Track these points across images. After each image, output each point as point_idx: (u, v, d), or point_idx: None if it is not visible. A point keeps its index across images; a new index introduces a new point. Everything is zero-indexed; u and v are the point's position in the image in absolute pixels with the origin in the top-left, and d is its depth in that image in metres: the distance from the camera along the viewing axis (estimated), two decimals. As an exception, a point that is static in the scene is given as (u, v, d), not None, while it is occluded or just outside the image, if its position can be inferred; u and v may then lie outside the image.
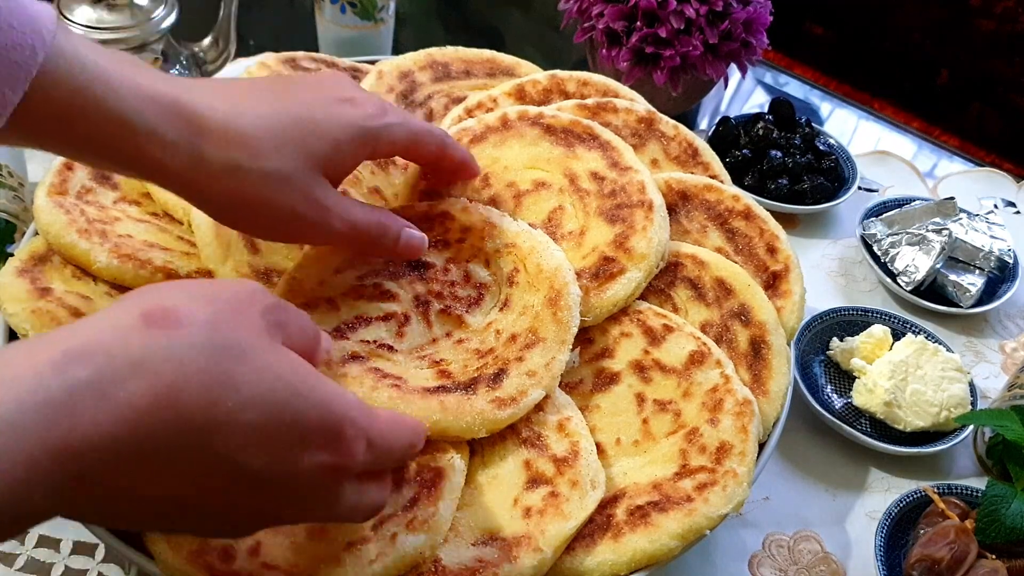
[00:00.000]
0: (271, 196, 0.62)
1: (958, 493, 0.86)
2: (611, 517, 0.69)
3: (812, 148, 1.21)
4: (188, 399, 0.43)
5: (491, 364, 0.72)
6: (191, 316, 0.45)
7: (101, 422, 0.41)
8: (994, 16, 1.90)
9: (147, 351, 0.43)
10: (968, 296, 1.07)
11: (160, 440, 0.43)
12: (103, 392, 0.41)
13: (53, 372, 0.41)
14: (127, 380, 0.42)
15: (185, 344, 0.44)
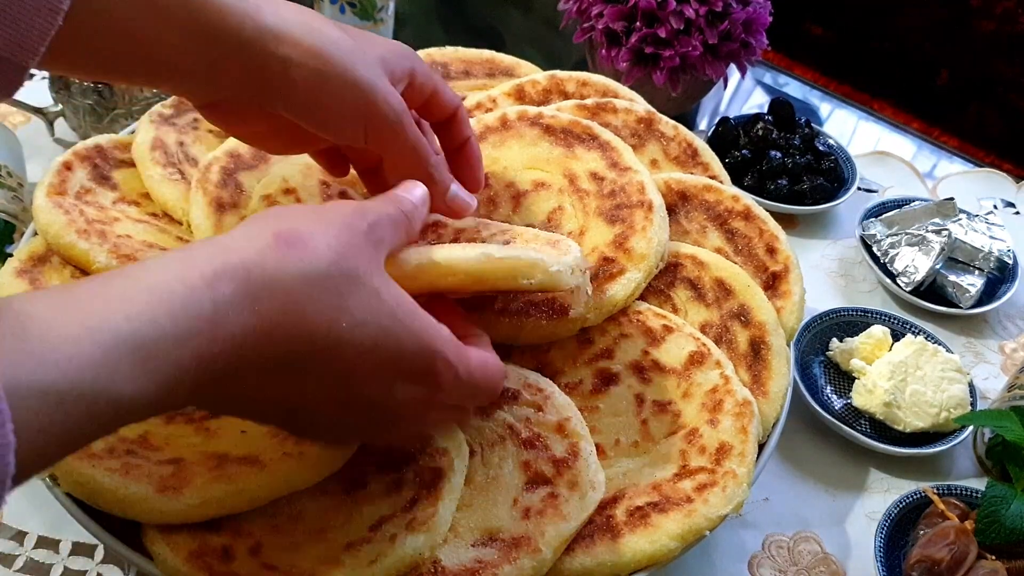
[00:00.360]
0: (362, 74, 0.62)
1: (958, 494, 0.86)
2: (611, 518, 0.69)
3: (812, 148, 1.21)
4: (312, 317, 0.48)
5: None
6: (316, 239, 0.50)
7: (237, 333, 0.46)
8: (994, 17, 1.90)
9: (280, 271, 0.48)
10: (968, 297, 1.07)
11: (285, 352, 0.48)
12: (242, 307, 0.47)
13: (204, 287, 0.46)
14: (263, 297, 0.47)
15: (312, 266, 0.49)
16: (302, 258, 0.49)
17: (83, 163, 0.88)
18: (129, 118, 1.07)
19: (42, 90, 1.13)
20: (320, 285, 0.49)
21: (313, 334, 0.49)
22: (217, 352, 0.46)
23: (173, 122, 0.92)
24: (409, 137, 0.66)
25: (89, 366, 0.41)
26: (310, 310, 0.48)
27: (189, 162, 0.89)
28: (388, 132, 0.65)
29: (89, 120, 1.09)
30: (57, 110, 1.12)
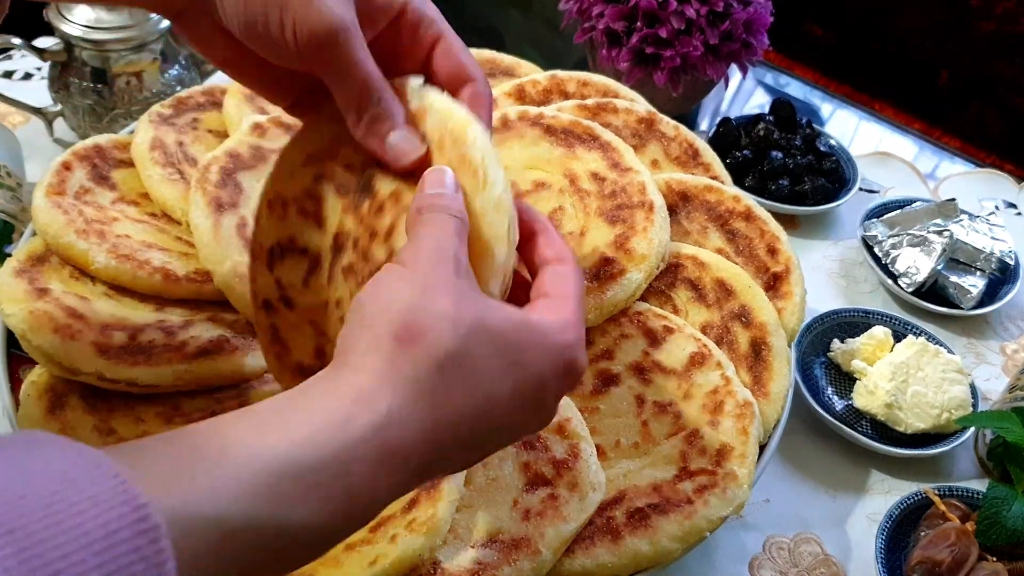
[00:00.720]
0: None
1: (959, 495, 0.86)
2: (611, 519, 0.69)
3: (813, 149, 1.21)
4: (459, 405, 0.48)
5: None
6: (430, 324, 0.48)
7: (399, 449, 0.46)
8: (994, 17, 1.90)
9: (417, 372, 0.47)
10: (969, 298, 1.07)
11: (448, 446, 0.48)
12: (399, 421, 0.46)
13: (356, 411, 0.45)
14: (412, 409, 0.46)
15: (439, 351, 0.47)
16: (429, 349, 0.47)
17: (82, 163, 0.88)
18: (128, 118, 1.07)
19: (41, 90, 1.13)
20: (454, 363, 0.48)
21: (464, 409, 0.48)
22: (386, 474, 0.45)
23: (172, 122, 0.92)
24: (345, 55, 0.58)
25: (257, 496, 0.40)
26: (456, 395, 0.48)
27: (188, 162, 0.89)
28: (320, 46, 0.57)
29: (88, 120, 1.09)
30: (56, 110, 1.12)
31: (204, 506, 0.38)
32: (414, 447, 0.46)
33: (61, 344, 0.71)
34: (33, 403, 0.72)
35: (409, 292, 0.50)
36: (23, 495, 0.34)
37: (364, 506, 0.45)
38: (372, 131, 0.60)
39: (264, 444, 0.42)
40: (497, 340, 0.50)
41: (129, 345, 0.73)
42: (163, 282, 0.79)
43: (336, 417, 0.44)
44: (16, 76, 1.26)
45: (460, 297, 0.50)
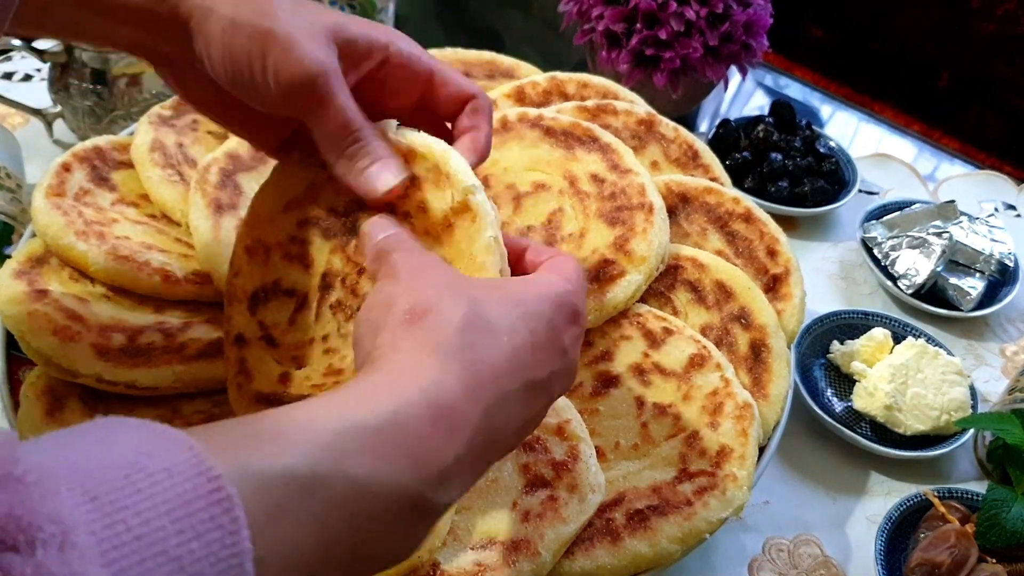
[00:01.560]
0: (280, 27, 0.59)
1: (958, 497, 0.86)
2: (610, 521, 0.69)
3: (812, 151, 1.21)
4: (488, 359, 0.50)
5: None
6: (429, 300, 0.51)
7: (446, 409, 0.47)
8: (994, 18, 1.90)
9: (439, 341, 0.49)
10: (969, 299, 1.07)
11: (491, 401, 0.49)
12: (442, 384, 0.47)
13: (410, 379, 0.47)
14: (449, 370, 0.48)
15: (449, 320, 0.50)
16: (440, 318, 0.50)
17: (82, 164, 0.87)
18: (128, 119, 1.07)
19: (41, 91, 1.13)
20: (468, 324, 0.50)
21: (495, 367, 0.50)
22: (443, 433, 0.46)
23: (172, 124, 0.92)
24: (323, 103, 0.60)
25: (322, 452, 0.41)
26: (480, 351, 0.50)
27: (188, 163, 0.89)
28: (301, 93, 0.59)
29: (88, 121, 1.08)
30: (56, 111, 1.12)
31: (272, 464, 0.39)
32: (462, 404, 0.47)
33: (60, 346, 0.71)
34: (32, 404, 0.72)
35: (402, 288, 0.53)
36: (103, 465, 0.35)
37: (430, 469, 0.45)
38: (351, 168, 0.62)
39: (322, 412, 0.44)
40: (504, 298, 0.53)
41: (128, 347, 0.73)
42: (162, 284, 0.79)
43: (384, 389, 0.46)
44: (16, 77, 1.26)
45: (453, 276, 0.54)
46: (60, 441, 0.36)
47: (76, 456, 0.35)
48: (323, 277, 0.67)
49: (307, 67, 0.59)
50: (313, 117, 0.61)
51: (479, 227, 0.60)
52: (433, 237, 0.62)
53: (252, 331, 0.68)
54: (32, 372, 0.75)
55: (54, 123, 1.14)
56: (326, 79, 0.60)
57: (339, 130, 0.61)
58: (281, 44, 0.59)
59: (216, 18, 0.59)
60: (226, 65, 0.60)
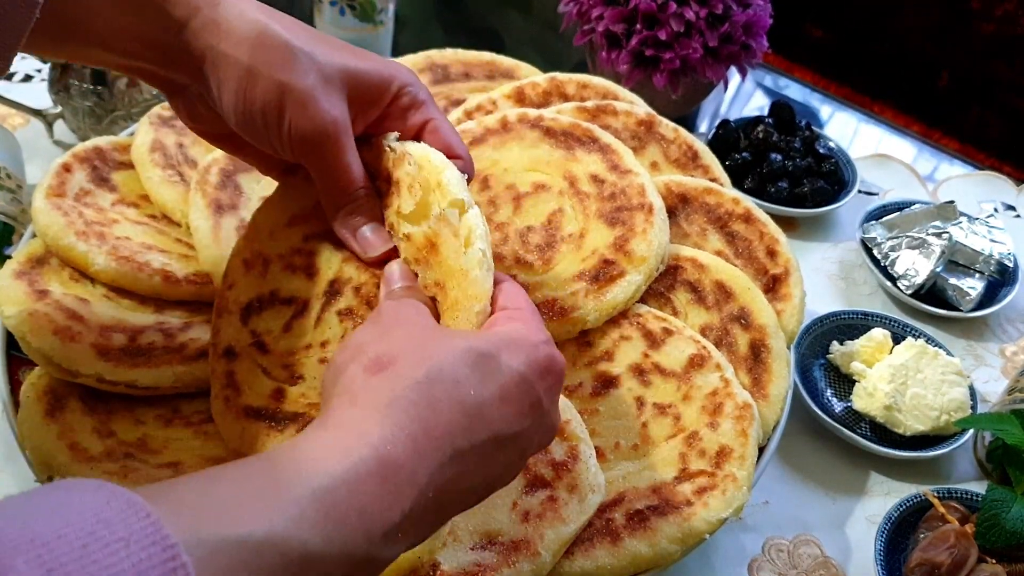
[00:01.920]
0: (296, 80, 0.60)
1: (958, 497, 0.86)
2: (610, 521, 0.69)
3: (812, 151, 1.21)
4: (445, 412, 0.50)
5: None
6: (393, 353, 0.52)
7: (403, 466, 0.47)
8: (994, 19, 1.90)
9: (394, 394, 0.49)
10: (968, 300, 1.07)
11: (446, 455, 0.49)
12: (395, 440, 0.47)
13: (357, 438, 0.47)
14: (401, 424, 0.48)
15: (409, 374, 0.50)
16: (403, 370, 0.50)
17: (82, 165, 0.88)
18: (128, 120, 1.07)
19: (41, 92, 1.13)
20: (431, 378, 0.50)
21: (453, 422, 0.50)
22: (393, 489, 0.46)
23: (172, 124, 0.92)
24: (332, 158, 0.63)
25: (276, 518, 0.42)
26: (437, 404, 0.50)
27: (188, 164, 0.89)
28: (310, 144, 0.62)
29: (88, 122, 1.09)
30: (56, 112, 1.12)
31: (228, 532, 0.40)
32: (413, 460, 0.47)
33: (61, 346, 0.71)
34: (33, 405, 0.72)
35: (371, 334, 0.54)
36: (60, 535, 0.36)
37: (378, 529, 0.46)
38: (346, 223, 0.66)
39: (279, 474, 0.44)
40: (469, 355, 0.52)
41: (129, 347, 0.73)
42: (163, 284, 0.79)
43: (337, 448, 0.46)
44: (16, 78, 1.26)
45: (423, 329, 0.54)
46: (19, 509, 0.37)
47: (34, 525, 0.36)
48: (331, 284, 0.68)
49: (320, 125, 0.61)
50: (319, 171, 0.64)
51: (471, 240, 0.60)
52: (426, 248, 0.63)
53: (243, 340, 0.69)
54: (33, 372, 0.75)
55: (54, 124, 1.14)
56: (336, 139, 0.62)
57: (343, 187, 0.65)
58: (297, 99, 0.60)
59: (231, 64, 0.60)
60: (239, 112, 0.61)
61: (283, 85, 0.60)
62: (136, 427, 0.72)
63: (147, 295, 0.79)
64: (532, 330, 0.57)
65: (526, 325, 0.57)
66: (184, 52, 0.61)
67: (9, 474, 0.82)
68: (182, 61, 0.61)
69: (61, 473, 0.67)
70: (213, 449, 0.69)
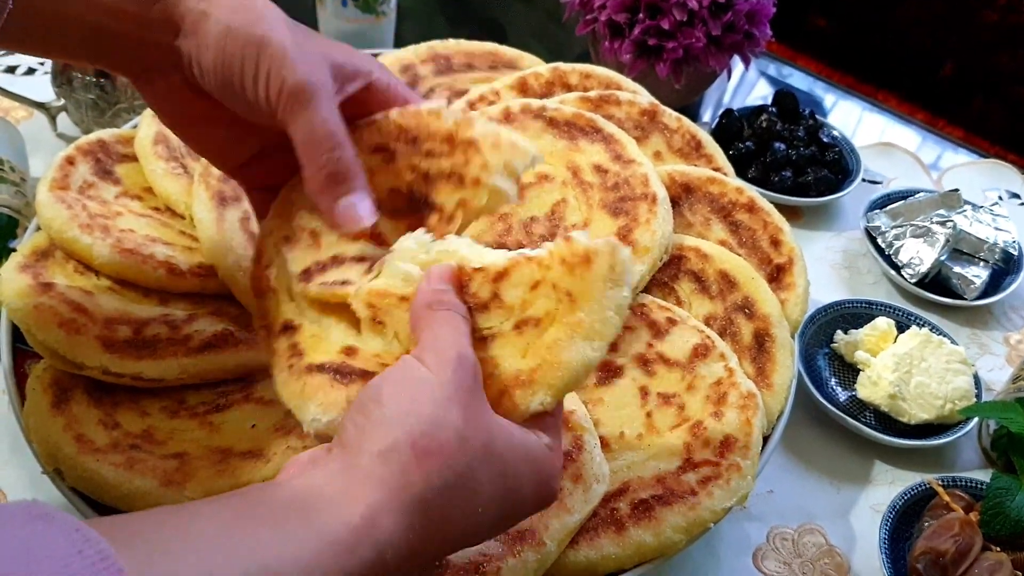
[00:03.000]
0: (276, 36, 0.60)
1: (963, 486, 0.86)
2: (615, 511, 0.69)
3: (816, 140, 1.21)
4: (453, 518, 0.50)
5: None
6: (447, 433, 0.50)
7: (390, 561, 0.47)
8: (997, 8, 1.90)
9: (428, 489, 0.49)
10: (973, 288, 1.07)
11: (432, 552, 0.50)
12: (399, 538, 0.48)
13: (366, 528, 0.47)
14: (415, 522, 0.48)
15: (453, 471, 0.49)
16: (442, 468, 0.49)
17: (86, 158, 0.88)
18: (131, 112, 1.07)
19: (44, 85, 1.13)
20: (459, 484, 0.50)
21: (453, 530, 0.50)
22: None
23: (175, 116, 0.92)
24: (319, 117, 0.60)
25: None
26: (453, 515, 0.50)
27: (191, 156, 0.89)
28: (290, 99, 0.60)
29: (91, 115, 1.09)
30: (59, 105, 1.12)
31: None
32: (401, 563, 0.48)
33: (66, 338, 0.72)
34: (38, 397, 0.72)
35: (431, 400, 0.51)
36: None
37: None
38: (327, 189, 0.61)
39: (266, 559, 0.43)
40: (498, 464, 0.52)
41: (134, 339, 0.73)
42: (167, 276, 0.79)
43: (341, 542, 0.46)
44: (19, 71, 1.26)
45: (475, 415, 0.52)
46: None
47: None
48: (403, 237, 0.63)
49: (299, 77, 0.59)
50: (298, 124, 0.61)
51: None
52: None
53: (299, 308, 0.65)
54: (38, 365, 0.75)
55: (58, 117, 1.14)
56: (316, 88, 0.60)
57: (322, 140, 0.60)
58: (276, 52, 0.59)
59: (212, 23, 0.60)
60: (218, 69, 0.61)
61: (261, 39, 0.60)
62: (142, 419, 0.73)
63: (151, 287, 0.80)
64: (555, 451, 0.56)
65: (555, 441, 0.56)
66: (162, 20, 0.61)
67: (15, 466, 0.82)
68: (159, 30, 0.61)
69: (67, 464, 0.67)
70: (218, 440, 0.69)
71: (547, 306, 0.56)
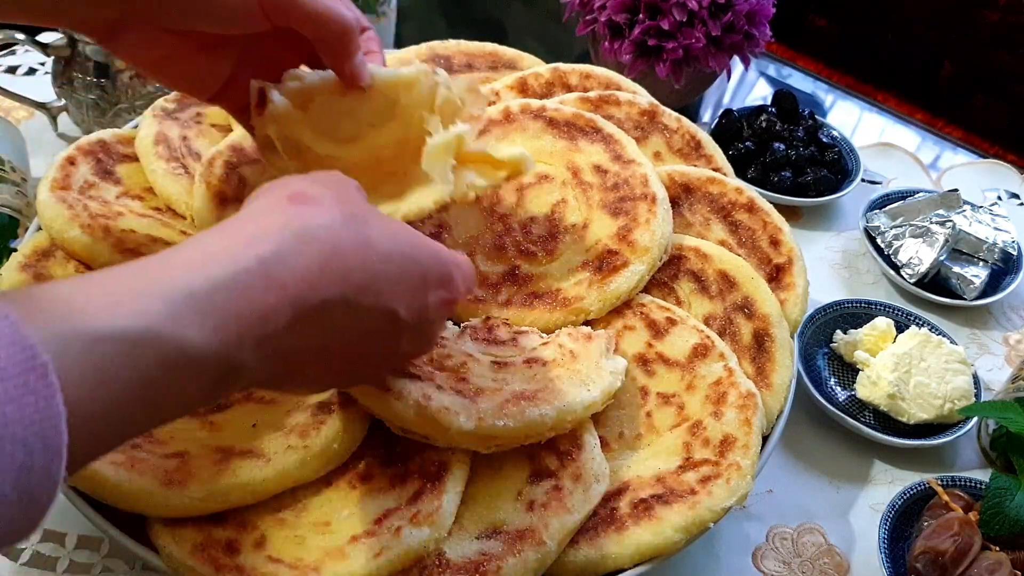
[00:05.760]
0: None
1: (962, 485, 0.86)
2: (615, 510, 0.69)
3: (815, 140, 1.21)
4: (347, 259, 0.51)
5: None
6: (321, 195, 0.53)
7: (288, 283, 0.48)
8: (998, 7, 1.90)
9: (306, 224, 0.51)
10: (972, 288, 1.07)
11: (332, 294, 0.51)
12: (285, 260, 0.49)
13: (244, 247, 0.48)
14: (300, 250, 0.50)
15: (328, 216, 0.52)
16: (316, 211, 0.52)
17: (86, 158, 0.88)
18: (132, 112, 1.07)
19: (45, 85, 1.13)
20: (342, 230, 0.52)
21: (350, 271, 0.51)
22: (273, 302, 0.48)
23: (176, 116, 0.92)
24: (312, 4, 0.65)
25: (155, 314, 0.43)
26: (343, 255, 0.51)
27: (192, 156, 0.89)
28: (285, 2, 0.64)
29: (92, 115, 1.09)
30: (60, 105, 1.12)
31: (101, 327, 0.41)
32: (298, 283, 0.49)
33: (67, 338, 0.72)
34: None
35: (311, 178, 0.56)
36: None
37: (254, 339, 0.47)
38: (346, 51, 0.68)
39: (159, 273, 0.45)
40: (396, 232, 0.56)
41: (134, 339, 0.73)
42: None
43: (223, 253, 0.48)
44: (20, 71, 1.26)
45: (356, 195, 0.57)
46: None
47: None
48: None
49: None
50: (300, 23, 0.66)
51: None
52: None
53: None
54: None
55: (58, 117, 1.14)
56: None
57: (329, 28, 0.66)
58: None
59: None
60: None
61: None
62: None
63: (152, 287, 0.80)
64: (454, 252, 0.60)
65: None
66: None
67: (16, 466, 0.83)
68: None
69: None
70: (219, 439, 0.69)
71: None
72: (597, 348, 0.73)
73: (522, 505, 0.68)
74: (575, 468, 0.69)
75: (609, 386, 0.71)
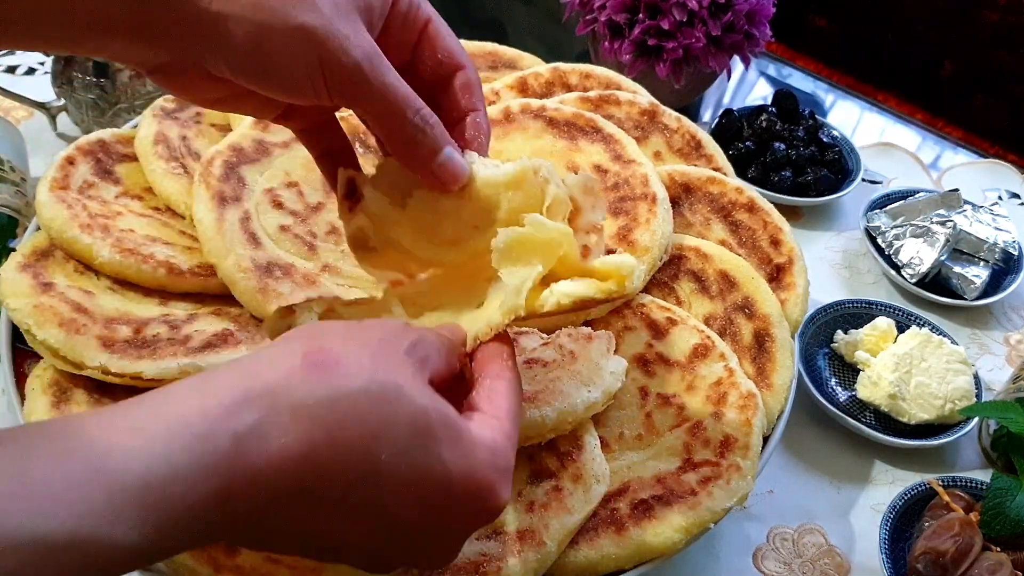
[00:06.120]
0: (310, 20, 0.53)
1: (963, 486, 0.86)
2: (615, 511, 0.69)
3: (816, 140, 1.21)
4: (343, 445, 0.44)
5: None
6: (349, 359, 0.46)
7: (261, 467, 0.43)
8: (998, 7, 1.90)
9: (308, 395, 0.44)
10: (973, 288, 1.07)
11: (315, 484, 0.44)
12: (266, 436, 0.43)
13: (223, 418, 0.43)
14: (288, 425, 0.43)
15: (342, 389, 0.45)
16: (332, 381, 0.45)
17: (86, 158, 0.88)
18: (131, 112, 1.07)
19: (45, 85, 1.13)
20: (352, 409, 0.45)
21: (345, 464, 0.44)
22: (236, 491, 0.42)
23: (176, 116, 0.92)
24: (378, 83, 0.55)
25: (90, 513, 0.39)
26: (341, 438, 0.44)
27: (192, 156, 0.89)
28: (350, 81, 0.55)
29: (92, 115, 1.09)
30: (60, 105, 1.12)
31: (37, 525, 0.37)
32: (274, 468, 0.43)
33: (66, 338, 0.72)
34: (38, 397, 0.72)
35: (349, 336, 0.48)
36: None
37: (205, 523, 0.43)
38: (419, 150, 0.58)
39: (114, 455, 0.41)
40: (415, 414, 0.46)
41: (134, 339, 0.73)
42: (167, 276, 0.79)
43: (195, 429, 0.42)
44: (19, 71, 1.26)
45: (396, 364, 0.47)
46: None
47: None
48: None
49: (352, 58, 0.54)
50: (371, 106, 0.57)
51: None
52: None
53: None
54: (38, 365, 0.75)
55: (58, 117, 1.14)
56: (372, 65, 0.55)
57: (399, 109, 0.57)
58: (320, 39, 0.54)
59: (235, 22, 0.54)
60: (256, 70, 0.55)
61: (303, 29, 0.53)
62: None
63: (152, 287, 0.80)
64: (495, 455, 0.49)
65: (493, 444, 0.50)
66: (167, 21, 0.54)
67: (15, 466, 0.82)
68: (166, 31, 0.55)
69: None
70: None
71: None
72: (597, 349, 0.73)
73: (522, 506, 0.68)
74: (575, 469, 0.69)
75: (609, 386, 0.71)
